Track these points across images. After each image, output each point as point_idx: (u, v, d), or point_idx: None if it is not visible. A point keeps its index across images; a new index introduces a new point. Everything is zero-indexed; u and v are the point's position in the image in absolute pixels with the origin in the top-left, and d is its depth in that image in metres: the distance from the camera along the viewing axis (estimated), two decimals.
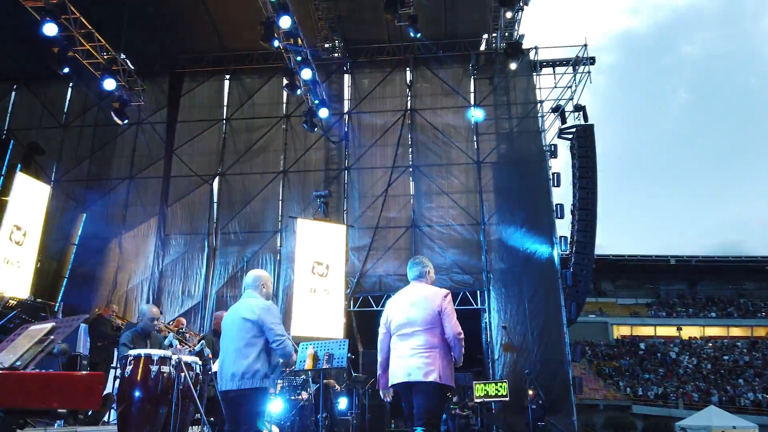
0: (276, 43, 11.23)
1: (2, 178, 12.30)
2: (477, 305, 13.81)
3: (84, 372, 5.14)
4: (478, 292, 13.97)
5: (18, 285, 10.49)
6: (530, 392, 11.85)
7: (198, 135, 15.80)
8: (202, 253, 14.66)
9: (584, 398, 29.79)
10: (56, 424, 4.77)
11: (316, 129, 14.28)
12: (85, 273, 14.51)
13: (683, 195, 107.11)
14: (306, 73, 12.32)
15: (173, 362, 4.02)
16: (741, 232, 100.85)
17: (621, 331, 39.24)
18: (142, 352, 4.00)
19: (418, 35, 12.97)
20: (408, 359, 3.65)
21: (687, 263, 42.02)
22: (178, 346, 4.20)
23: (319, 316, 12.43)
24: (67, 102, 16.27)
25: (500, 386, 11.58)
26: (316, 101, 13.46)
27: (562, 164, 15.69)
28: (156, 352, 4.01)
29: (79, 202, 15.03)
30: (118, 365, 4.26)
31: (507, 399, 11.56)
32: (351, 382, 8.39)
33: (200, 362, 4.26)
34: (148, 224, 15.03)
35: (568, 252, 14.79)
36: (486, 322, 13.61)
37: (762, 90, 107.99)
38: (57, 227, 14.60)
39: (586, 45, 15.46)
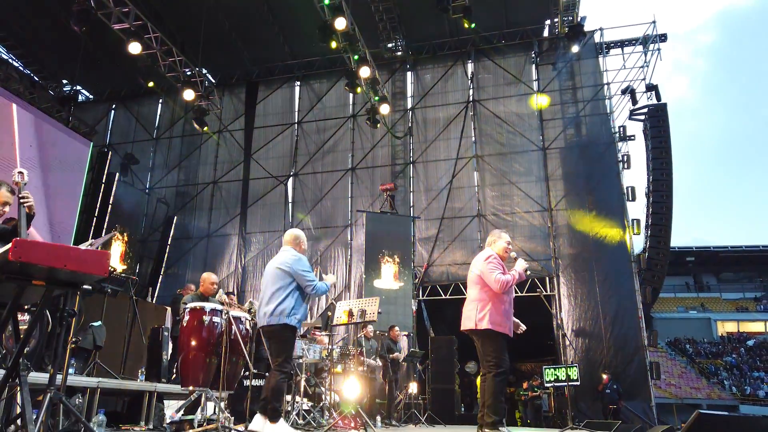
0: (333, 45, 11.87)
1: (104, 185, 13.90)
2: (546, 291, 13.66)
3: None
4: (547, 279, 13.81)
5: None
6: (604, 376, 11.64)
7: (273, 139, 16.88)
8: (280, 249, 15.57)
9: (685, 397, 28.16)
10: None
11: (379, 125, 14.83)
12: (177, 272, 15.97)
13: None
14: (364, 72, 12.88)
15: (224, 315, 4.60)
16: None
17: (726, 327, 36.46)
18: (197, 304, 4.63)
19: (473, 26, 13.15)
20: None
21: None
22: (227, 300, 4.77)
23: (390, 305, 12.89)
24: (157, 117, 18.02)
25: (571, 371, 11.45)
26: (377, 98, 13.99)
27: (637, 147, 15.18)
28: (208, 305, 4.62)
29: (170, 206, 16.56)
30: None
31: (578, 383, 11.42)
32: (408, 356, 8.73)
33: (249, 317, 4.82)
34: (231, 224, 16.27)
35: (645, 237, 14.28)
36: (556, 309, 13.42)
37: None
38: (152, 229, 16.21)
39: (654, 21, 14.92)
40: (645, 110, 15.20)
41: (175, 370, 6.07)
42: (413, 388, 10.44)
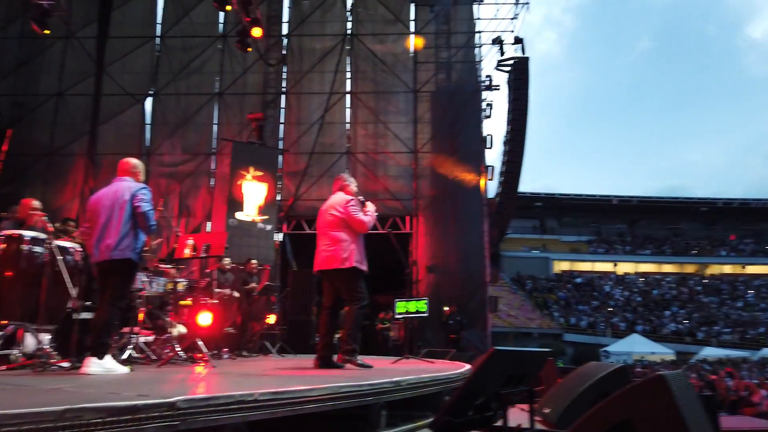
0: None
1: None
2: (406, 230, 14.33)
3: None
4: (408, 217, 14.46)
5: None
6: (446, 309, 12.67)
7: (131, 52, 15.30)
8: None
9: (521, 327, 31.70)
10: None
11: (250, 50, 14.05)
12: (14, 191, 14.27)
13: (636, 138, 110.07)
14: None
15: (46, 244, 4.24)
16: (687, 175, 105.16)
17: (561, 266, 41.23)
18: (13, 231, 4.21)
19: None
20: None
21: (628, 203, 43.92)
22: (49, 228, 4.39)
23: (252, 238, 12.75)
24: None
25: (420, 304, 12.31)
26: (249, 20, 13.17)
27: (501, 97, 16.06)
28: (28, 233, 4.23)
29: (5, 118, 14.56)
30: None
31: (426, 315, 12.32)
32: (264, 289, 8.81)
33: (79, 247, 4.50)
34: (78, 143, 14.75)
35: (498, 183, 15.41)
36: (414, 246, 14.18)
37: (718, 38, 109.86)
38: None
39: None
40: (510, 62, 16.04)
41: None
42: (271, 319, 10.61)
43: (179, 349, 5.08)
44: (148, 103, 15.20)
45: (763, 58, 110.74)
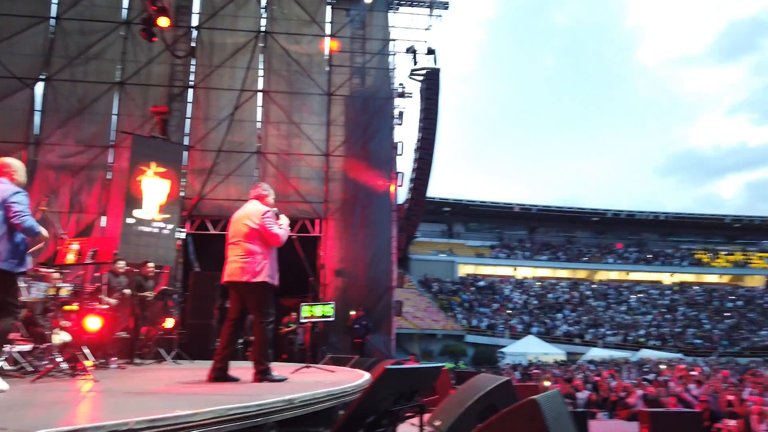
0: None
1: None
2: (316, 233, 14.24)
3: None
4: (318, 220, 14.38)
5: None
6: (352, 313, 12.74)
7: (21, 32, 14.00)
8: None
9: (426, 328, 32.50)
10: None
11: (156, 40, 13.34)
12: None
13: (539, 150, 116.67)
14: None
15: None
16: (582, 187, 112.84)
17: (466, 269, 42.81)
18: None
19: None
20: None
21: (528, 211, 46.43)
22: None
23: (151, 237, 12.13)
24: None
25: (326, 308, 12.28)
26: (156, 9, 12.51)
27: (413, 105, 16.41)
28: None
29: None
30: None
31: (333, 320, 12.31)
32: (161, 293, 8.40)
33: None
34: None
35: (408, 189, 15.71)
36: (322, 250, 14.12)
37: (614, 61, 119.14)
38: None
39: None
40: (423, 72, 16.45)
41: None
42: (169, 324, 10.15)
43: (60, 359, 4.72)
44: (39, 88, 13.99)
45: (652, 81, 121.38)
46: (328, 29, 15.60)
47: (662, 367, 17.77)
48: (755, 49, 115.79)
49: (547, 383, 12.15)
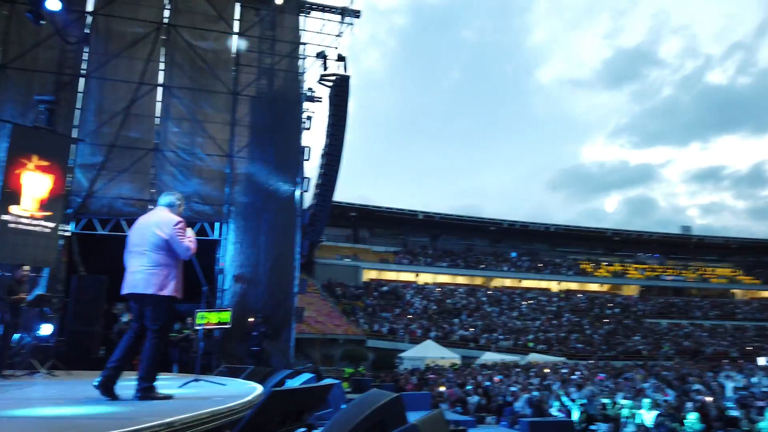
0: None
1: None
2: (215, 236, 13.78)
3: None
4: (218, 223, 13.93)
5: None
6: (250, 320, 12.47)
7: None
8: None
9: (328, 333, 32.42)
10: None
11: (45, 22, 12.31)
12: None
13: (443, 159, 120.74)
14: None
15: None
16: (482, 197, 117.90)
17: (370, 274, 43.27)
18: None
19: None
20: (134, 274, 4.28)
21: (432, 218, 47.88)
22: None
23: (29, 236, 11.11)
24: None
25: (223, 315, 11.91)
26: None
27: (322, 110, 16.35)
28: None
29: None
30: None
31: (230, 326, 11.97)
32: (37, 299, 7.74)
33: None
34: None
35: (313, 195, 15.62)
36: (221, 254, 13.70)
37: (514, 78, 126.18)
38: None
39: None
40: (332, 78, 16.44)
41: None
42: (47, 330, 9.39)
43: None
44: None
45: (547, 100, 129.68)
46: (236, 27, 15.20)
47: (547, 371, 19.01)
48: (638, 77, 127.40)
49: (441, 389, 12.60)
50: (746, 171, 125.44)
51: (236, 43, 15.04)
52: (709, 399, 9.14)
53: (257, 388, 5.04)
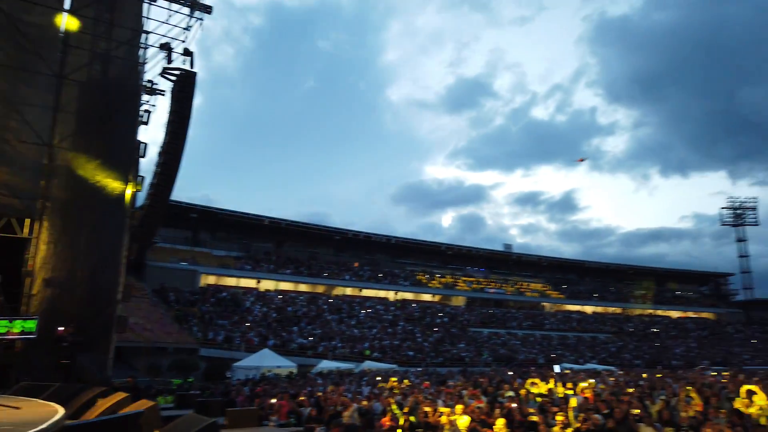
0: None
1: None
2: (24, 234, 12.20)
3: None
4: (29, 220, 12.36)
5: None
6: (60, 329, 11.26)
7: None
8: None
9: (157, 342, 30.24)
10: None
11: None
12: None
13: (293, 165, 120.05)
14: None
15: None
16: (329, 205, 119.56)
17: (209, 279, 41.32)
18: None
19: None
20: None
21: (278, 224, 47.29)
22: None
23: None
24: None
25: (28, 323, 10.61)
26: None
27: (163, 105, 15.36)
28: None
29: None
30: None
31: (35, 336, 10.69)
32: None
33: None
34: None
35: (147, 195, 14.58)
36: (32, 254, 12.16)
37: (366, 93, 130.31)
38: None
39: None
40: (177, 73, 15.59)
41: None
42: None
43: None
44: None
45: (395, 117, 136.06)
46: (67, 4, 13.72)
47: (378, 378, 19.74)
48: (475, 105, 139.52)
49: (273, 400, 12.43)
50: (559, 197, 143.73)
51: (66, 21, 13.55)
52: (514, 405, 10.19)
53: (60, 411, 4.57)
